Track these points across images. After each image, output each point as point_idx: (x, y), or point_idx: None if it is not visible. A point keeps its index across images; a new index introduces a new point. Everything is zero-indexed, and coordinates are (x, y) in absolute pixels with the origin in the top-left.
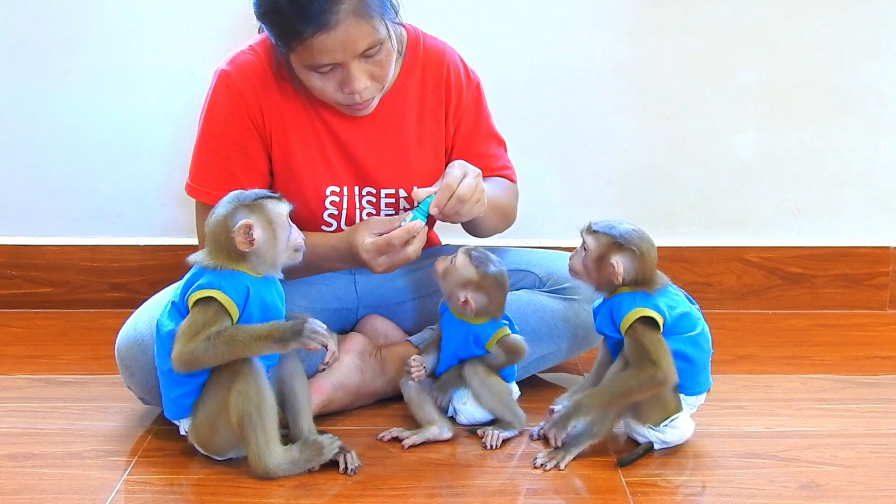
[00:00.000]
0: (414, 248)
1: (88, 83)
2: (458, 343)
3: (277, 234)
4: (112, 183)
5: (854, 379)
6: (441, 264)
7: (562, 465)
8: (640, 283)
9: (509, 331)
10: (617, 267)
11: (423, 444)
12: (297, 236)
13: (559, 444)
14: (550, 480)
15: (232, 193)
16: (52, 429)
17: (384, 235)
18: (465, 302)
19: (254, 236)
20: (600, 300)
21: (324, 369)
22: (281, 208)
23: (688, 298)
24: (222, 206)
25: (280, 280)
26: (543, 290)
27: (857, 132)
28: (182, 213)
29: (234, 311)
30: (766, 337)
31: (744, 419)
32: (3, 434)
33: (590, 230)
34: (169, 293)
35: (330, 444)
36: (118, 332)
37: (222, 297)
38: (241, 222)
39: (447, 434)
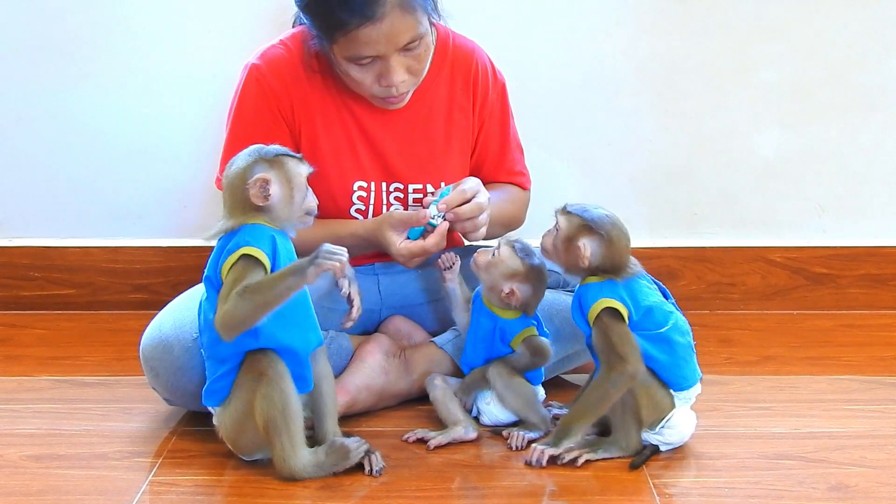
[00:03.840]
0: (443, 240)
1: (110, 85)
2: (483, 333)
3: (294, 193)
4: (134, 184)
5: (882, 380)
6: (482, 257)
7: (578, 462)
8: (609, 271)
9: (536, 331)
10: (584, 250)
11: (449, 444)
12: (312, 200)
13: (544, 464)
14: (576, 482)
15: (254, 146)
16: (77, 430)
17: (418, 244)
18: (511, 293)
19: (269, 192)
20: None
21: (350, 325)
22: (301, 169)
23: (662, 290)
24: (242, 158)
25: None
26: (567, 289)
27: (882, 130)
28: (204, 214)
29: (266, 260)
30: (792, 337)
31: (770, 420)
32: (28, 435)
33: (563, 210)
34: (192, 294)
35: (356, 448)
36: (142, 334)
37: (251, 250)
38: (257, 175)
39: (472, 434)
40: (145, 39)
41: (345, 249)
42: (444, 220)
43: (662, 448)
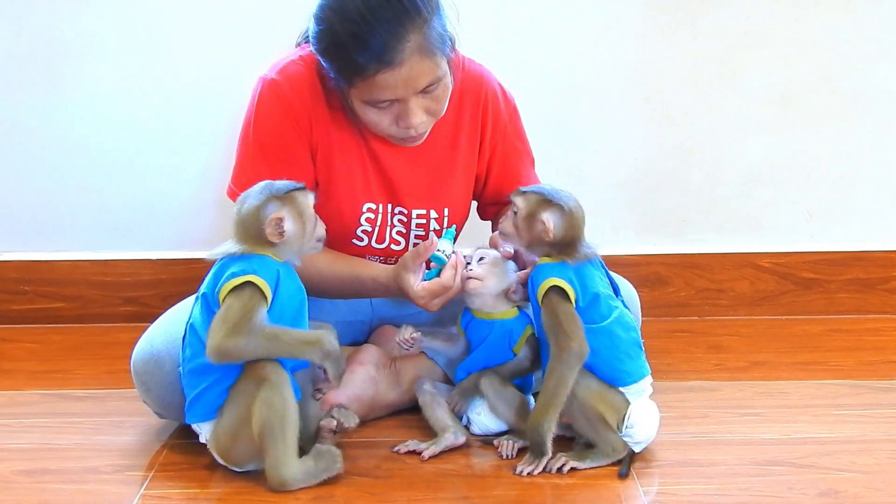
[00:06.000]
0: (459, 279)
1: (100, 97)
2: (492, 343)
3: (306, 226)
4: (124, 197)
5: (870, 384)
6: (473, 283)
7: (564, 470)
8: (567, 248)
9: (533, 329)
10: (547, 223)
11: (441, 453)
12: (321, 227)
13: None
14: (567, 491)
15: (263, 183)
16: (68, 444)
17: (436, 281)
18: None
19: (284, 228)
20: None
21: (319, 398)
22: (310, 200)
23: (613, 286)
24: (254, 197)
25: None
26: None
27: (869, 135)
28: (194, 227)
29: (269, 293)
30: (780, 343)
31: (760, 426)
32: (20, 450)
33: (518, 192)
34: (183, 307)
35: (340, 455)
36: (133, 347)
37: (258, 280)
38: (272, 215)
39: (461, 439)
40: (135, 52)
41: (343, 358)
42: (455, 254)
43: (636, 448)
